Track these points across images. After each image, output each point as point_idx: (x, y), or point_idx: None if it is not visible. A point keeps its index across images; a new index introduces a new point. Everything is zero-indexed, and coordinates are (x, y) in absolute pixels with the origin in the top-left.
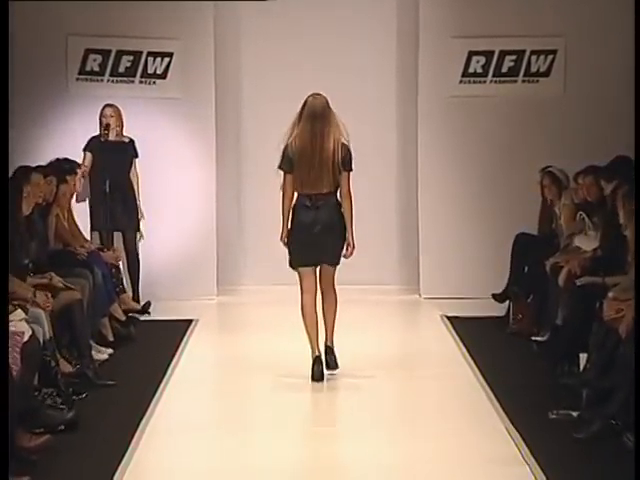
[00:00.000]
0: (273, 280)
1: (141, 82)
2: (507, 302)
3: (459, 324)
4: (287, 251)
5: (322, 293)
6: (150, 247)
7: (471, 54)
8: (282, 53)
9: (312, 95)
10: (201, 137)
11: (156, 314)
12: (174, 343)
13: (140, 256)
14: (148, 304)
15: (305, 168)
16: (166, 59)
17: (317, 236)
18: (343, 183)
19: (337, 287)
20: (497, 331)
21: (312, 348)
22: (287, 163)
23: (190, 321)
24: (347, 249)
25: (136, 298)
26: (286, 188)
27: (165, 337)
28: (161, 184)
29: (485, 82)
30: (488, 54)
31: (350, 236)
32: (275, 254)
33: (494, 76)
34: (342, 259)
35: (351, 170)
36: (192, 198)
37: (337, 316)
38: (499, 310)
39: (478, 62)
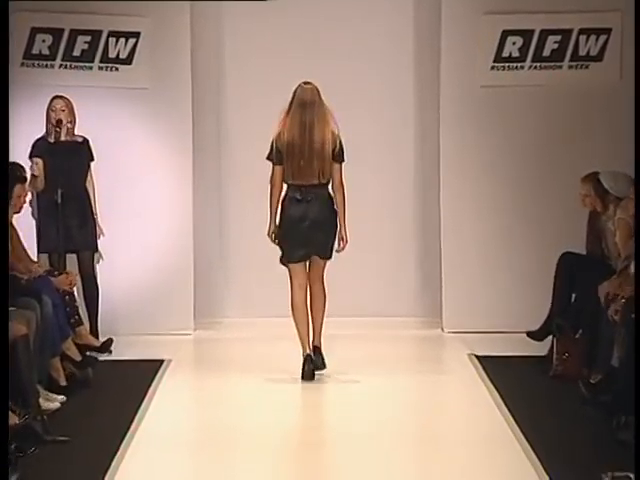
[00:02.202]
0: (261, 312)
1: (101, 68)
2: (549, 339)
3: (491, 365)
4: (279, 247)
5: (310, 288)
6: (112, 271)
7: (505, 34)
8: (273, 35)
9: (302, 83)
10: (174, 136)
11: (119, 353)
12: (141, 389)
13: (99, 281)
14: (109, 342)
15: (295, 158)
16: (131, 40)
17: (308, 230)
18: (335, 175)
19: (344, 318)
20: (538, 374)
21: (302, 346)
22: (276, 154)
23: (161, 362)
24: (340, 244)
25: (94, 332)
26: (275, 180)
27: (130, 381)
28: (125, 194)
29: (523, 68)
30: (526, 34)
31: (343, 230)
32: (264, 281)
33: (534, 61)
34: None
35: (343, 161)
36: (164, 211)
37: (325, 314)
38: (539, 348)
39: (514, 44)
